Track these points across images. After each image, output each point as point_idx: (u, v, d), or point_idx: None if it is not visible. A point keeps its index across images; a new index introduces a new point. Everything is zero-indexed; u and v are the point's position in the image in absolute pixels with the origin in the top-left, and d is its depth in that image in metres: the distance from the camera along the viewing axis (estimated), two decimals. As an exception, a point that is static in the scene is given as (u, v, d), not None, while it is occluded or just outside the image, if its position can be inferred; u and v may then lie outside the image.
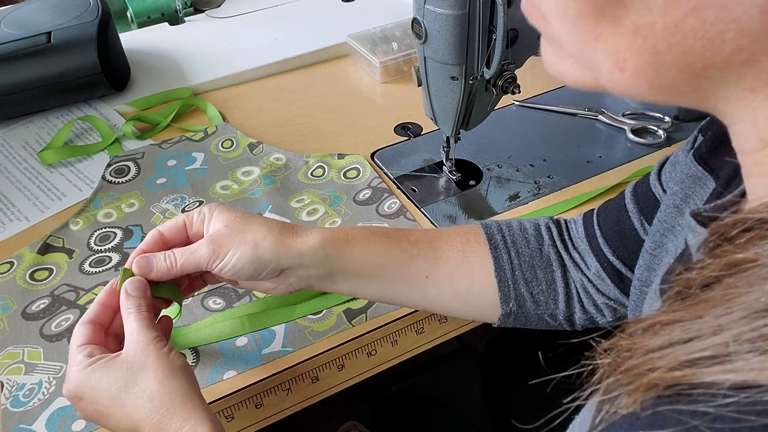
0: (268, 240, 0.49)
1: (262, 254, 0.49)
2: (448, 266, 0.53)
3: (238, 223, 0.50)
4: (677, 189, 0.42)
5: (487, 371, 0.88)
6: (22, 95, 0.88)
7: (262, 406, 0.58)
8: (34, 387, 0.57)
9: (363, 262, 0.52)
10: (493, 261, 0.53)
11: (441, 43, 0.62)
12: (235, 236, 0.49)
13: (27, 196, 0.78)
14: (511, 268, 0.53)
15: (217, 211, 0.51)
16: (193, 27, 1.12)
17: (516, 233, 0.55)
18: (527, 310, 0.54)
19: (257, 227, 0.50)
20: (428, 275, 0.53)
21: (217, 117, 0.89)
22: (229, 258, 0.49)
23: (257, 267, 0.50)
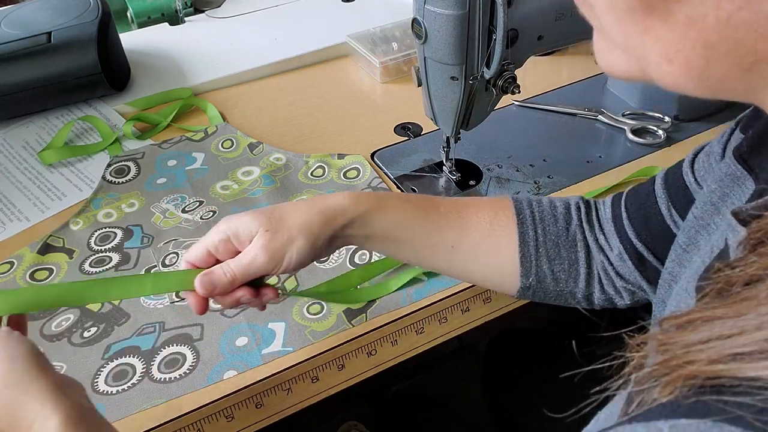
0: (316, 222, 0.51)
1: (316, 239, 0.51)
2: (474, 237, 0.55)
3: (277, 223, 0.50)
4: (715, 187, 0.43)
5: (488, 371, 0.88)
6: (22, 95, 0.88)
7: (262, 406, 0.58)
8: (35, 387, 0.57)
9: (394, 228, 0.54)
10: (518, 236, 0.54)
11: (441, 43, 0.62)
12: (283, 237, 0.50)
13: (27, 196, 0.78)
14: (535, 244, 0.54)
15: (239, 223, 0.50)
16: (193, 27, 1.12)
17: (545, 210, 0.56)
18: (546, 286, 0.55)
19: (296, 216, 0.51)
20: (454, 245, 0.55)
21: (217, 117, 0.89)
22: (289, 258, 0.50)
23: (315, 252, 0.51)
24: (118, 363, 0.58)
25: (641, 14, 0.26)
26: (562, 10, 0.66)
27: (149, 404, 0.55)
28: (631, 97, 0.88)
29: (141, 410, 0.55)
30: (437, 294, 0.63)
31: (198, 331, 0.61)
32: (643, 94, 0.86)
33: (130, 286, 0.50)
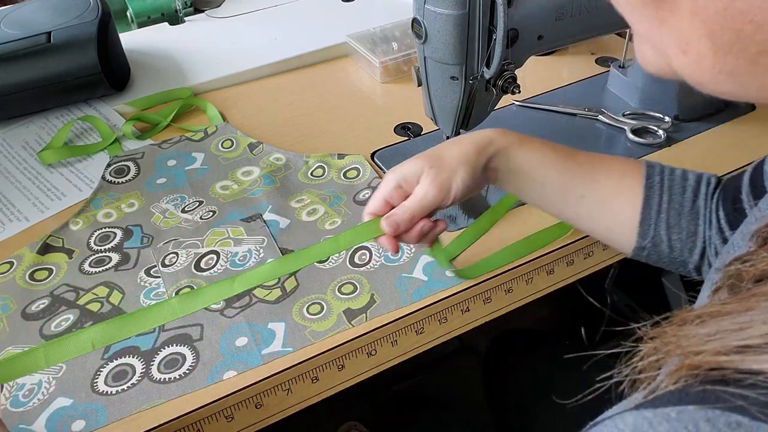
0: (471, 151, 0.56)
1: (475, 166, 0.56)
2: (602, 192, 0.57)
3: (436, 159, 0.56)
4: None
5: (489, 371, 0.88)
6: (22, 95, 0.88)
7: (262, 406, 0.58)
8: (34, 387, 0.57)
9: (532, 165, 0.57)
10: (643, 198, 0.56)
11: (441, 43, 0.62)
12: (446, 169, 0.55)
13: (27, 196, 0.78)
14: (657, 209, 0.56)
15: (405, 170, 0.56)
16: (193, 27, 1.12)
17: (676, 180, 0.57)
18: (661, 251, 0.57)
19: (452, 148, 0.56)
20: (584, 195, 0.57)
21: (217, 117, 0.89)
22: (456, 188, 0.55)
23: (474, 181, 0.56)
24: (118, 363, 0.58)
25: (653, 6, 0.27)
26: (562, 10, 0.66)
27: (149, 404, 0.55)
28: (632, 97, 0.88)
29: (140, 410, 0.55)
30: (437, 294, 0.63)
31: (198, 331, 0.61)
32: (643, 94, 0.86)
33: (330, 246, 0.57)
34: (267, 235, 0.70)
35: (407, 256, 0.67)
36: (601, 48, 1.02)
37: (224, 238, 0.70)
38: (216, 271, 0.66)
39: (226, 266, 0.67)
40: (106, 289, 0.65)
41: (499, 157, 0.57)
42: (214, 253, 0.68)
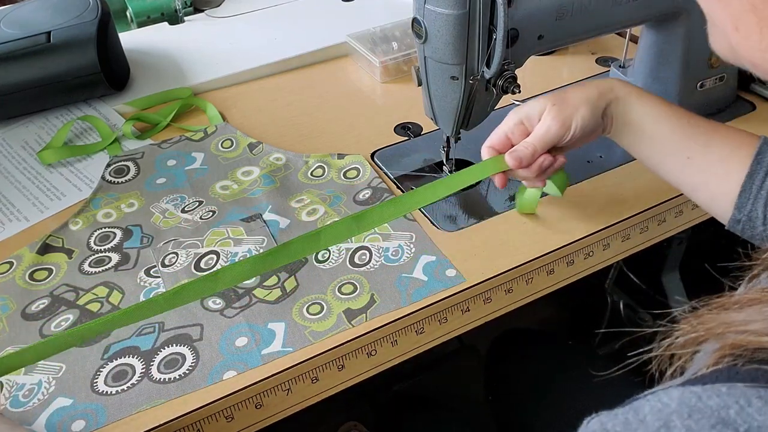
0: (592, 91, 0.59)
1: (596, 106, 0.59)
2: (709, 158, 0.58)
3: (560, 96, 0.60)
4: None
5: (490, 370, 0.88)
6: (21, 95, 0.88)
7: (262, 406, 0.58)
8: (34, 387, 0.57)
9: (646, 118, 0.59)
10: (747, 172, 0.56)
11: (441, 43, 0.62)
12: (569, 107, 0.59)
13: (26, 196, 0.78)
14: (760, 186, 0.55)
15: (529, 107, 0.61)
16: (193, 27, 1.12)
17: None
18: (755, 226, 0.56)
19: (576, 90, 0.60)
20: (691, 157, 0.58)
21: (217, 117, 0.89)
22: (575, 125, 0.59)
23: (594, 121, 0.59)
24: (118, 363, 0.58)
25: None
26: (562, 10, 0.66)
27: (149, 405, 0.55)
28: (632, 96, 0.87)
29: (140, 410, 0.55)
30: (437, 294, 0.63)
31: (197, 332, 0.61)
32: (644, 94, 0.86)
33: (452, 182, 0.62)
34: (267, 235, 0.70)
35: (407, 256, 0.67)
36: (601, 48, 1.02)
37: (224, 238, 0.70)
38: (216, 271, 0.66)
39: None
40: (105, 289, 0.65)
41: (618, 105, 0.59)
42: (214, 253, 0.68)
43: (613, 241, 0.72)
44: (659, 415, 0.25)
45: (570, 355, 0.83)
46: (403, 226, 0.70)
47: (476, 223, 0.71)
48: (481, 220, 0.71)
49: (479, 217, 0.72)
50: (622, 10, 0.70)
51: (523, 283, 0.68)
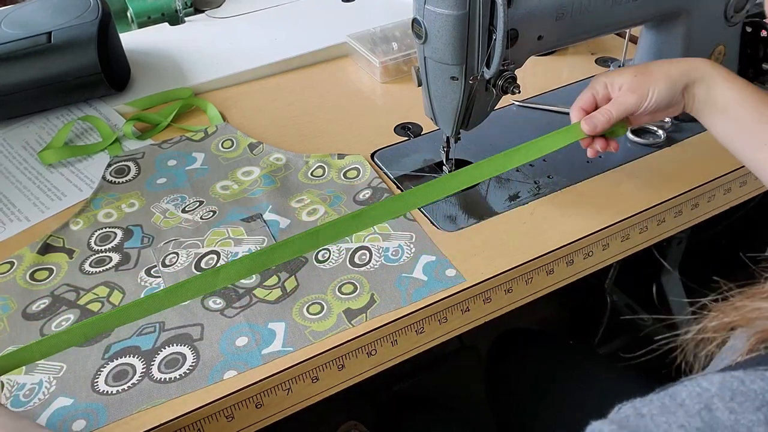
0: (675, 68, 0.62)
1: (675, 82, 0.61)
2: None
3: (643, 70, 0.63)
4: None
5: (491, 370, 0.88)
6: (22, 95, 0.88)
7: (262, 406, 0.58)
8: (35, 387, 0.57)
9: (732, 101, 0.60)
10: None
11: (441, 43, 0.62)
12: (649, 78, 0.62)
13: (27, 196, 0.78)
14: None
15: (611, 74, 0.64)
16: (193, 27, 1.12)
17: None
18: None
19: (659, 64, 0.63)
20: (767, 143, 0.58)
21: (217, 117, 0.89)
22: (651, 94, 0.62)
23: (672, 92, 0.62)
24: (118, 363, 0.58)
25: None
26: (562, 10, 0.66)
27: (149, 404, 0.55)
28: (632, 97, 0.88)
29: (141, 410, 0.55)
30: (437, 294, 0.63)
31: (198, 331, 0.61)
32: (644, 94, 0.86)
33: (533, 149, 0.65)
34: (267, 235, 0.70)
35: (407, 256, 0.67)
36: (601, 48, 1.02)
37: (224, 238, 0.70)
38: (216, 271, 0.66)
39: (226, 266, 0.67)
40: (106, 289, 0.66)
41: (702, 85, 0.61)
42: (215, 253, 0.68)
43: (613, 241, 0.72)
44: (699, 398, 0.25)
45: (570, 354, 0.83)
46: (403, 226, 0.70)
47: (476, 223, 0.71)
48: (481, 220, 0.72)
49: (479, 217, 0.72)
50: (622, 10, 0.70)
51: (523, 283, 0.68)
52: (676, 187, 0.74)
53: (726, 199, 0.78)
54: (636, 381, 0.76)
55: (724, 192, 0.78)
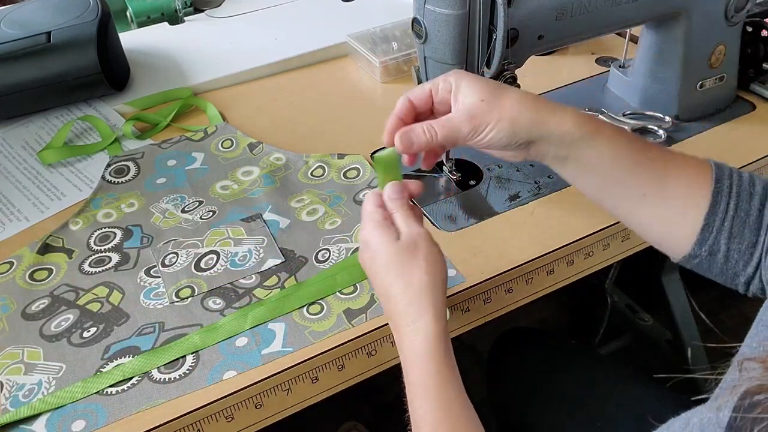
0: (525, 117, 0.52)
1: (518, 131, 0.52)
2: (667, 193, 0.54)
3: (493, 97, 0.52)
4: None
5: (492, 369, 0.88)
6: (21, 95, 0.88)
7: (262, 406, 0.58)
8: (34, 387, 0.57)
9: (598, 156, 0.53)
10: (709, 204, 0.52)
11: (441, 43, 0.62)
12: (492, 112, 0.52)
13: (27, 196, 0.78)
14: (723, 217, 0.52)
15: (465, 82, 0.53)
16: (193, 27, 1.12)
17: (744, 186, 0.54)
18: (715, 262, 0.53)
19: (513, 102, 0.52)
20: (646, 194, 0.54)
21: (217, 117, 0.89)
22: (487, 132, 0.52)
23: (511, 140, 0.53)
24: (118, 363, 0.58)
25: None
26: (562, 10, 0.66)
27: (149, 405, 0.55)
28: (632, 96, 0.88)
29: (140, 410, 0.55)
30: (437, 294, 0.63)
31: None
32: (644, 94, 0.86)
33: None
34: (267, 235, 0.70)
35: (407, 256, 0.67)
36: (601, 48, 1.02)
37: (224, 238, 0.70)
38: (216, 271, 0.66)
39: (226, 266, 0.67)
40: (106, 289, 0.65)
41: (559, 145, 0.53)
42: (214, 253, 0.68)
43: (613, 241, 0.72)
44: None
45: (570, 354, 0.83)
46: (403, 226, 0.70)
47: (476, 223, 0.71)
48: (481, 220, 0.71)
49: (479, 217, 0.72)
50: (622, 10, 0.70)
51: (523, 283, 0.68)
52: (676, 187, 0.74)
53: (726, 199, 0.78)
54: (636, 381, 0.76)
55: (724, 192, 0.77)
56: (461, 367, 0.52)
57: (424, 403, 0.48)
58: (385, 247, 0.52)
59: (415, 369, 0.50)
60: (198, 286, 0.65)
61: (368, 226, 0.54)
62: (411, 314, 0.50)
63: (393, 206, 0.55)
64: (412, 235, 0.52)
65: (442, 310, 0.51)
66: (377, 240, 0.52)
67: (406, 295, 0.51)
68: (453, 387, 0.49)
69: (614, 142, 0.53)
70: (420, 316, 0.50)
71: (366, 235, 0.54)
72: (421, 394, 0.49)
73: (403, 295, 0.51)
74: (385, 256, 0.52)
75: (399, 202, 0.55)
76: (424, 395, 0.49)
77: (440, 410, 0.48)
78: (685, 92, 0.82)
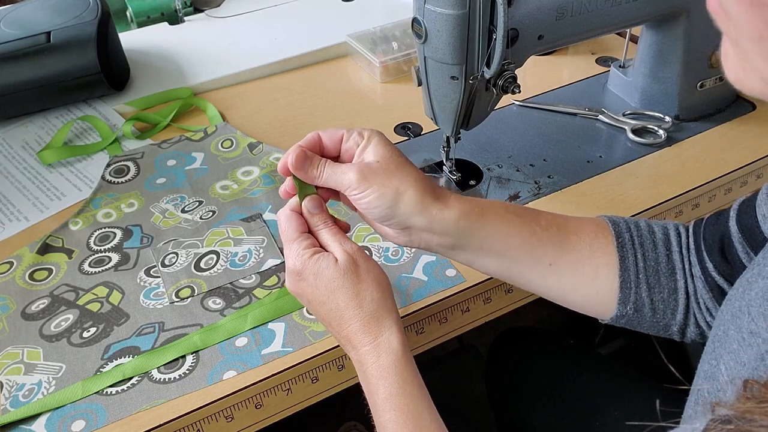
0: (409, 195, 0.50)
1: (398, 205, 0.50)
2: (573, 257, 0.52)
3: (390, 165, 0.51)
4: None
5: (492, 369, 0.88)
6: (21, 95, 0.88)
7: (262, 406, 0.58)
8: (34, 387, 0.57)
9: (491, 239, 0.52)
10: (618, 260, 0.52)
11: (441, 43, 0.62)
12: (382, 176, 0.50)
13: (26, 196, 0.78)
14: (635, 270, 0.52)
15: (375, 141, 0.53)
16: (193, 27, 1.12)
17: (644, 234, 0.53)
18: (643, 316, 0.52)
19: (405, 177, 0.51)
20: (552, 263, 0.52)
21: (217, 117, 0.89)
22: (368, 194, 0.50)
23: (389, 214, 0.51)
24: (118, 363, 0.58)
25: None
26: (562, 10, 0.66)
27: (149, 405, 0.55)
28: (632, 96, 0.88)
29: (140, 410, 0.55)
30: (437, 294, 0.63)
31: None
32: (644, 94, 0.86)
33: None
34: (267, 234, 0.70)
35: (407, 256, 0.67)
36: (601, 48, 1.02)
37: (224, 238, 0.70)
38: (216, 271, 0.66)
39: (226, 266, 0.67)
40: (105, 289, 0.65)
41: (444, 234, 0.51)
42: (214, 253, 0.68)
43: (613, 241, 0.72)
44: None
45: (570, 354, 0.83)
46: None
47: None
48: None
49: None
50: (622, 10, 0.70)
51: (523, 283, 0.67)
52: (676, 187, 0.74)
53: (727, 199, 0.78)
54: (636, 381, 0.76)
55: (724, 192, 0.77)
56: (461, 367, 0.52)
57: (395, 415, 0.47)
58: (326, 273, 0.50)
59: (383, 384, 0.48)
60: (198, 286, 0.65)
61: (301, 258, 0.50)
62: (371, 332, 0.49)
63: (316, 222, 0.53)
64: (349, 253, 0.50)
65: (399, 321, 0.50)
66: (314, 269, 0.50)
67: (361, 316, 0.49)
68: (421, 397, 0.48)
69: (502, 221, 0.52)
70: (381, 332, 0.49)
71: (298, 266, 0.50)
72: (391, 407, 0.48)
73: (359, 317, 0.49)
74: (329, 283, 0.50)
75: (321, 217, 0.53)
76: (394, 408, 0.47)
77: (412, 421, 0.47)
78: (685, 92, 0.82)
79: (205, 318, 0.62)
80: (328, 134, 0.54)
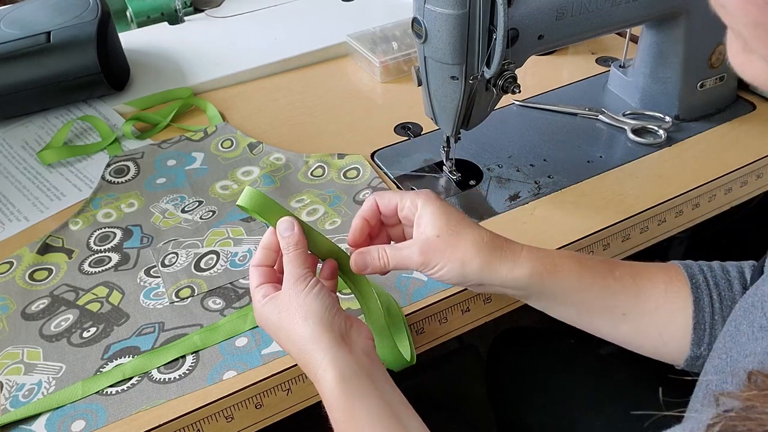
0: (476, 262, 0.51)
1: (467, 275, 0.52)
2: (648, 305, 0.53)
3: (450, 238, 0.52)
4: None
5: (492, 368, 0.88)
6: (21, 95, 0.88)
7: (262, 406, 0.58)
8: (34, 387, 0.57)
9: (563, 294, 0.53)
10: (693, 302, 0.52)
11: (441, 43, 0.62)
12: (445, 250, 0.51)
13: (26, 196, 0.78)
14: (711, 311, 0.52)
15: (429, 212, 0.53)
16: (193, 27, 1.12)
17: (718, 275, 0.53)
18: None
19: (467, 246, 0.52)
20: (626, 312, 0.53)
21: (217, 117, 0.89)
22: (437, 270, 0.52)
23: (461, 281, 0.53)
24: (118, 363, 0.58)
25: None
26: (562, 10, 0.66)
27: (149, 405, 0.55)
28: (632, 96, 0.88)
29: (140, 410, 0.55)
30: (437, 294, 0.63)
31: (197, 332, 0.61)
32: (644, 94, 0.86)
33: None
34: (267, 235, 0.70)
35: (407, 256, 0.67)
36: (602, 48, 1.02)
37: (224, 238, 0.70)
38: (216, 271, 0.66)
39: (226, 266, 0.67)
40: (105, 289, 0.65)
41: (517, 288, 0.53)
42: (214, 253, 0.68)
43: (613, 241, 0.72)
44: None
45: (570, 354, 0.83)
46: (403, 226, 0.70)
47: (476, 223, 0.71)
48: (481, 220, 0.71)
49: (479, 217, 0.72)
50: (622, 10, 0.70)
51: (523, 283, 0.67)
52: (676, 187, 0.74)
53: (727, 199, 0.78)
54: (636, 381, 0.76)
55: (725, 192, 0.77)
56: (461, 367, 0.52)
57: None
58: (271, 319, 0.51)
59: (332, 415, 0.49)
60: (198, 286, 0.65)
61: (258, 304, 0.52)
62: (310, 368, 0.49)
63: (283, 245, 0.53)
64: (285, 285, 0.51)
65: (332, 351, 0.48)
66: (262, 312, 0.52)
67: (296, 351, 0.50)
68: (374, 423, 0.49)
69: (576, 275, 0.53)
70: (315, 370, 0.48)
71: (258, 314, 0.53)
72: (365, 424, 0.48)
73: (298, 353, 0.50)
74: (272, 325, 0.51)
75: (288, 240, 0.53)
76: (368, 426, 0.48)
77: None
78: (685, 92, 0.82)
79: (205, 318, 0.62)
80: (383, 202, 0.56)
